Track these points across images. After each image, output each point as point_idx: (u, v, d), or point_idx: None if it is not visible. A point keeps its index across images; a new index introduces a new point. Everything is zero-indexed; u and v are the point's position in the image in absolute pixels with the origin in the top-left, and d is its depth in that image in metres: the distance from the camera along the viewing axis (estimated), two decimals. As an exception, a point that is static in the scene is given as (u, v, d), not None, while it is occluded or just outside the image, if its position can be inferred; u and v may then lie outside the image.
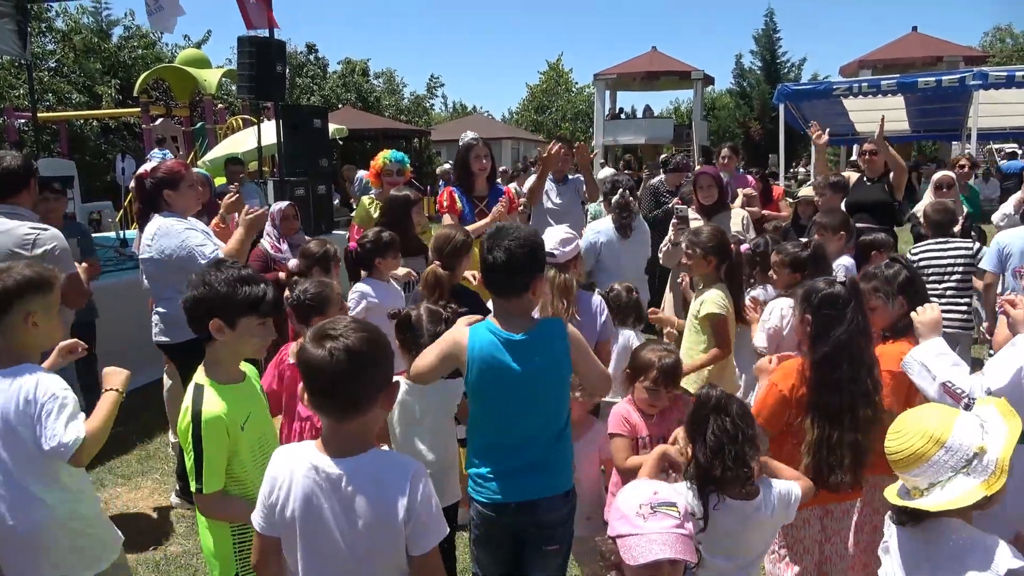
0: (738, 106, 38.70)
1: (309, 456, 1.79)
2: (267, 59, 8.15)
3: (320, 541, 1.78)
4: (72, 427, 2.24)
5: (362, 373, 1.71)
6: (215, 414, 2.19)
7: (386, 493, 1.75)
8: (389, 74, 37.05)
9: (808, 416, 2.54)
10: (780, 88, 14.13)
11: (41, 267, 2.45)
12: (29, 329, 2.34)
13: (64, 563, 2.37)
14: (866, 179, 5.98)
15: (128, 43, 24.03)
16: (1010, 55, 37.35)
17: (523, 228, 2.48)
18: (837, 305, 2.55)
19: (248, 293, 2.25)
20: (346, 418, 1.76)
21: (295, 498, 1.78)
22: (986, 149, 23.48)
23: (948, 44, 27.18)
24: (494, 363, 2.35)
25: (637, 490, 1.89)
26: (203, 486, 2.18)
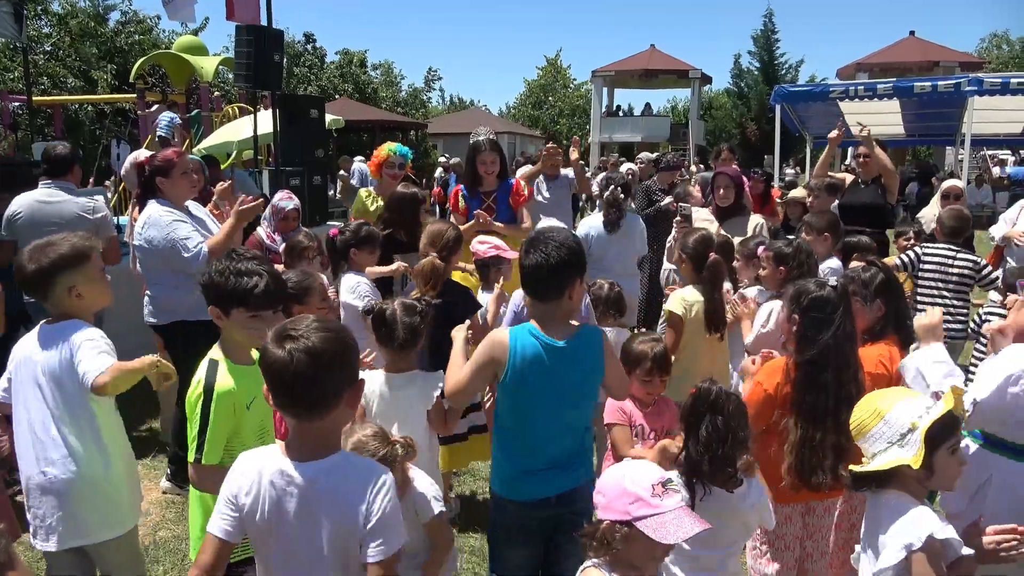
0: (735, 106, 38.77)
1: (275, 461, 1.78)
2: (264, 48, 8.12)
3: (286, 546, 1.77)
4: (102, 358, 2.39)
5: (324, 373, 1.69)
6: (227, 388, 2.28)
7: (351, 499, 1.73)
8: (387, 66, 36.92)
9: (791, 416, 2.58)
10: (777, 89, 14.14)
11: (77, 240, 2.59)
12: (74, 300, 2.50)
13: (86, 520, 2.49)
14: (860, 182, 6.03)
15: (125, 28, 23.89)
16: (1006, 61, 37.53)
17: (562, 232, 2.54)
18: (826, 309, 2.58)
19: (236, 286, 2.32)
20: (310, 418, 1.74)
21: (263, 503, 1.76)
22: (980, 155, 23.61)
23: (945, 49, 27.29)
24: (536, 367, 2.38)
25: (639, 471, 1.87)
26: (202, 456, 2.23)
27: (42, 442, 2.47)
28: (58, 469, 2.46)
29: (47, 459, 2.46)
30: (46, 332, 2.52)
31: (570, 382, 2.42)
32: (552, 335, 2.40)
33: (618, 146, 32.38)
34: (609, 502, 1.84)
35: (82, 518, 2.49)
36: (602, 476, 1.93)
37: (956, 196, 6.26)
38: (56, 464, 2.46)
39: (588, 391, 2.53)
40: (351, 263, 4.08)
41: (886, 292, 2.96)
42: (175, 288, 4.00)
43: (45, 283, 2.48)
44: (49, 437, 2.47)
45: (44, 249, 2.51)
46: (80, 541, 2.52)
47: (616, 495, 1.83)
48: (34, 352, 2.50)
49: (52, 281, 2.48)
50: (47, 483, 2.46)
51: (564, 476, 2.49)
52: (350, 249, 4.07)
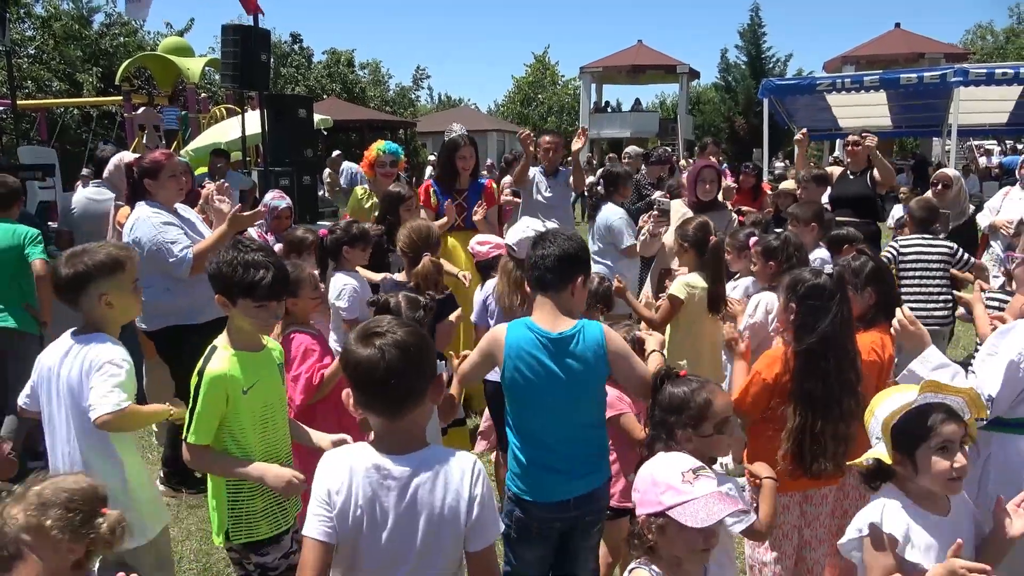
0: (723, 100, 38.84)
1: (367, 457, 1.78)
2: (251, 48, 8.09)
3: (384, 541, 1.77)
4: (113, 395, 2.39)
5: (413, 367, 1.75)
6: (219, 373, 2.35)
7: (450, 489, 1.76)
8: (375, 65, 36.83)
9: (791, 404, 2.58)
10: (765, 83, 14.16)
11: (114, 248, 2.63)
12: (104, 308, 2.53)
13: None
14: (849, 173, 6.06)
15: (110, 31, 23.71)
16: (990, 52, 37.78)
17: (571, 231, 2.63)
18: (823, 296, 2.59)
19: (244, 277, 2.37)
20: (401, 414, 1.77)
21: (357, 500, 1.75)
22: (966, 146, 23.75)
23: (930, 41, 27.43)
24: (530, 359, 2.40)
25: (669, 461, 1.85)
26: (191, 435, 2.35)
27: (65, 454, 2.54)
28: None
29: (69, 471, 2.49)
30: (70, 344, 2.54)
31: (569, 374, 2.41)
32: (549, 327, 2.41)
33: (607, 142, 32.41)
34: (643, 496, 1.81)
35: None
36: (638, 472, 1.92)
37: (945, 184, 6.29)
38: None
39: (590, 386, 2.50)
40: (343, 262, 4.05)
41: (876, 280, 2.98)
42: (165, 291, 3.92)
43: (78, 288, 2.51)
44: (69, 450, 2.52)
45: (80, 255, 2.54)
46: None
47: (648, 487, 1.81)
48: (56, 363, 2.53)
49: (85, 287, 2.50)
50: None
51: (582, 479, 2.51)
52: (342, 248, 4.04)
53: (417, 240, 3.84)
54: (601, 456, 2.59)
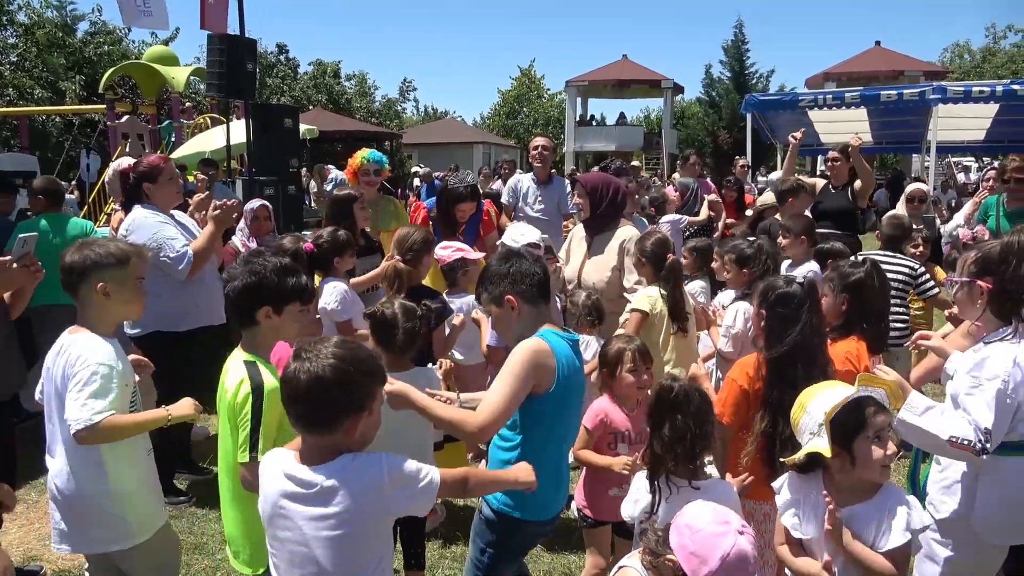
0: (707, 115, 39.21)
1: (285, 464, 1.84)
2: (237, 57, 8.08)
3: (295, 551, 1.81)
4: (90, 405, 2.32)
5: (343, 384, 1.75)
6: (275, 385, 2.26)
7: (362, 494, 1.78)
8: (361, 76, 36.93)
9: (760, 409, 2.62)
10: (748, 98, 14.36)
11: (125, 244, 2.63)
12: (100, 297, 2.48)
13: (90, 533, 2.51)
14: (831, 187, 6.14)
15: (94, 39, 23.63)
16: (968, 71, 38.45)
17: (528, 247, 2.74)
18: (792, 304, 2.60)
19: (296, 283, 2.39)
20: (322, 431, 1.80)
21: (270, 506, 1.84)
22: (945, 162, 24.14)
23: (909, 59, 27.92)
24: (575, 365, 2.40)
25: (739, 559, 1.79)
26: (259, 454, 2.18)
27: (53, 455, 2.52)
28: (61, 483, 2.49)
29: (54, 472, 2.52)
30: (63, 343, 2.52)
31: (583, 379, 2.50)
32: (567, 331, 2.46)
33: (592, 156, 32.60)
34: (692, 553, 1.79)
35: (86, 531, 2.52)
36: (705, 518, 1.85)
37: (920, 199, 6.39)
38: (59, 478, 2.49)
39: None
40: (334, 270, 4.04)
41: (855, 290, 3.02)
42: (155, 296, 3.79)
43: (80, 276, 2.49)
44: (56, 450, 2.50)
45: (90, 244, 2.55)
46: (88, 550, 2.57)
47: (704, 559, 1.78)
48: (52, 361, 2.52)
49: (86, 275, 2.49)
50: (55, 494, 2.52)
51: (566, 488, 2.56)
52: (333, 258, 4.03)
53: (395, 244, 3.89)
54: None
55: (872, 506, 2.06)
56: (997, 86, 12.70)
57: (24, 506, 4.21)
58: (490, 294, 2.45)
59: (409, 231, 3.94)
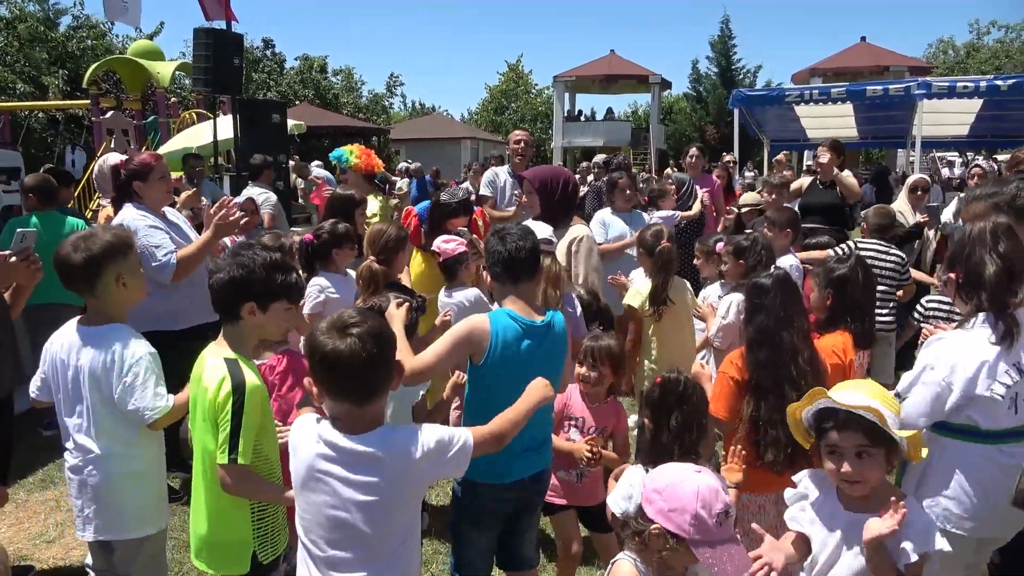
0: (694, 110, 39.37)
1: (323, 433, 1.87)
2: (224, 52, 8.04)
3: (332, 514, 1.87)
4: (159, 394, 2.47)
5: (383, 356, 1.83)
6: (257, 384, 2.26)
7: (402, 459, 1.86)
8: (348, 71, 36.72)
9: (746, 396, 2.70)
10: (735, 93, 14.40)
11: (119, 230, 2.64)
12: (120, 289, 2.53)
13: (118, 516, 2.55)
14: (819, 182, 6.17)
15: (77, 33, 23.37)
16: (952, 66, 38.79)
17: (523, 225, 2.70)
18: (760, 294, 2.75)
19: (283, 279, 2.35)
20: (370, 401, 1.85)
21: (307, 470, 1.88)
22: (929, 157, 24.35)
23: (894, 54, 28.11)
24: (516, 347, 2.47)
25: (711, 495, 1.78)
26: (238, 455, 2.17)
27: (78, 444, 2.54)
28: (91, 468, 2.53)
29: (86, 460, 2.54)
30: (86, 334, 2.51)
31: (545, 360, 2.53)
32: (528, 316, 2.52)
33: (580, 151, 32.63)
34: (670, 511, 1.78)
35: (113, 515, 2.57)
36: (667, 477, 1.86)
37: (924, 189, 6.47)
38: (97, 465, 2.53)
39: (557, 368, 2.63)
40: (332, 264, 4.02)
41: (839, 285, 3.09)
42: (150, 295, 3.78)
43: (95, 271, 2.48)
44: (87, 438, 2.52)
45: (88, 239, 2.52)
46: (111, 535, 2.59)
47: (681, 509, 1.77)
48: (71, 354, 2.51)
49: (101, 269, 2.48)
50: (84, 479, 2.55)
51: (537, 457, 2.61)
52: (332, 250, 4.01)
53: (366, 244, 3.86)
54: (548, 440, 2.72)
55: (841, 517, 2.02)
56: (981, 81, 12.82)
57: (13, 505, 4.18)
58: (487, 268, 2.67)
59: (382, 228, 3.87)
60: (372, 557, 1.89)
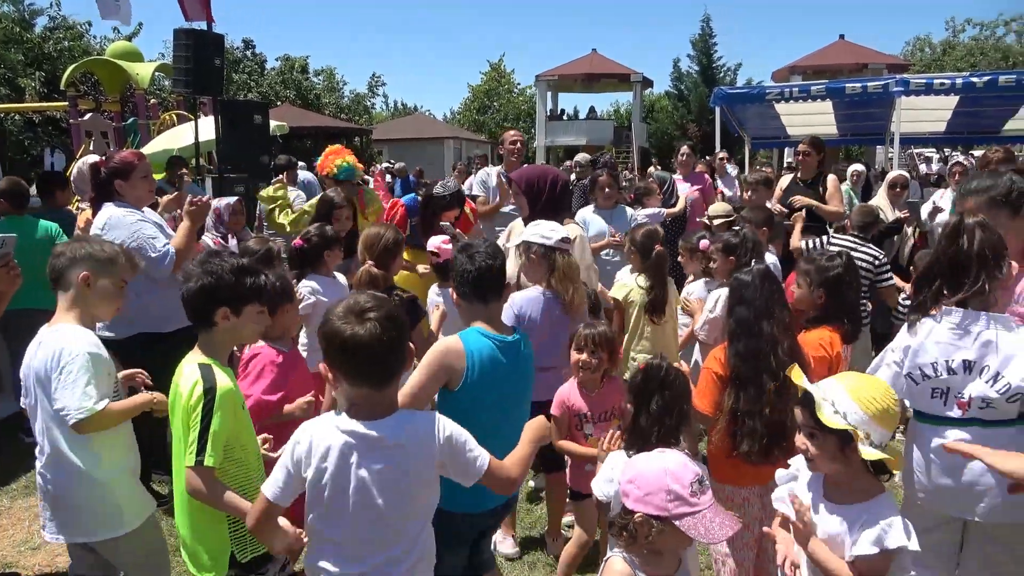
0: (676, 108, 39.55)
1: (343, 425, 1.90)
2: (205, 52, 7.96)
3: (357, 500, 1.90)
4: (87, 395, 2.37)
5: (400, 339, 1.90)
6: (229, 388, 2.26)
7: (424, 444, 1.92)
8: (329, 72, 36.55)
9: (728, 387, 2.74)
10: (716, 91, 14.46)
11: (113, 248, 2.69)
12: (83, 287, 2.53)
13: (82, 520, 2.53)
14: (799, 180, 6.20)
15: (53, 34, 23.07)
16: (929, 64, 39.24)
17: (491, 242, 2.69)
18: (742, 288, 2.82)
19: (254, 282, 2.37)
20: (390, 383, 1.91)
21: (329, 468, 1.89)
22: (907, 153, 24.63)
23: (873, 52, 28.39)
24: (494, 365, 2.45)
25: (679, 468, 1.85)
26: (204, 457, 2.16)
27: (41, 445, 2.53)
28: (52, 472, 2.52)
29: (44, 462, 2.53)
30: (42, 337, 2.53)
31: (519, 378, 2.55)
32: (500, 333, 2.52)
33: (563, 150, 32.69)
34: (646, 496, 1.82)
35: (79, 518, 2.54)
36: (635, 465, 1.92)
37: (903, 186, 6.54)
38: (51, 467, 2.52)
39: (530, 383, 2.66)
40: (324, 266, 4.02)
41: (833, 285, 3.12)
42: (137, 296, 3.68)
43: (67, 264, 2.54)
44: (45, 441, 2.51)
45: (82, 242, 2.61)
46: (82, 538, 2.57)
47: (654, 490, 1.81)
48: (32, 356, 2.53)
49: (73, 264, 2.54)
50: (45, 484, 2.54)
51: None
52: (323, 252, 4.00)
53: (362, 248, 3.81)
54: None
55: (857, 511, 2.03)
56: (957, 79, 12.97)
57: (-4, 512, 4.15)
58: (453, 284, 2.66)
59: (379, 232, 3.84)
60: (394, 543, 1.95)
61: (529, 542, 3.82)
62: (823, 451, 2.03)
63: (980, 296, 2.40)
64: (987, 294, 2.40)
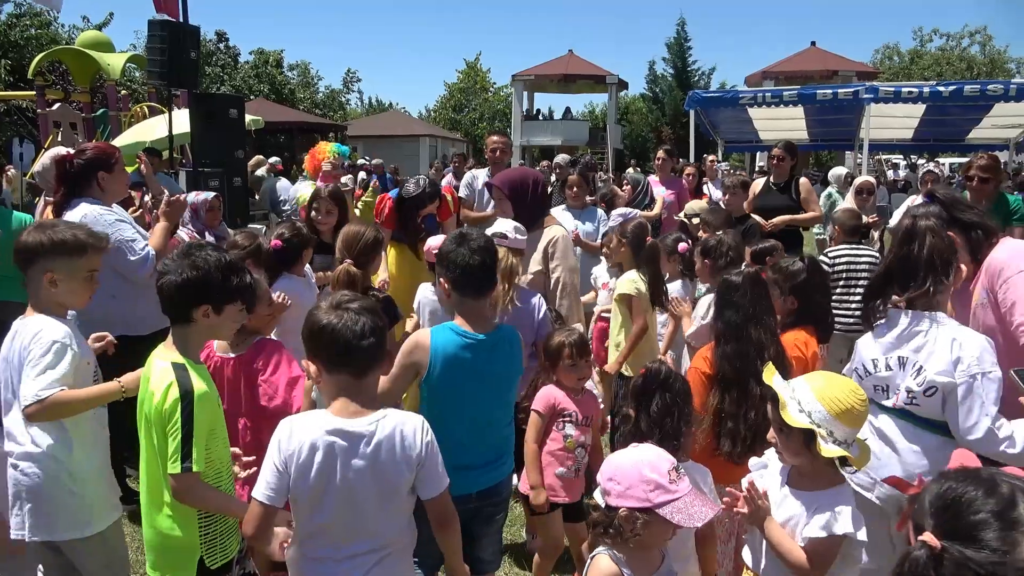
0: (650, 111, 39.88)
1: (326, 422, 1.94)
2: (179, 44, 7.87)
3: (343, 497, 1.93)
4: (39, 381, 2.31)
5: (377, 328, 1.98)
6: (205, 390, 2.20)
7: (405, 444, 1.96)
8: (304, 66, 36.19)
9: (713, 387, 2.81)
10: (691, 95, 14.61)
11: (84, 232, 2.55)
12: (47, 286, 2.46)
13: (52, 518, 2.44)
14: (772, 184, 6.29)
15: (20, 21, 22.53)
16: (897, 72, 40.06)
17: (484, 235, 2.67)
18: (731, 291, 2.88)
19: (239, 281, 2.29)
20: (370, 369, 1.99)
21: (316, 461, 1.92)
22: (875, 159, 25.14)
23: (843, 59, 28.98)
24: (458, 361, 2.47)
25: (653, 458, 1.91)
26: (192, 464, 2.10)
27: (15, 438, 2.45)
28: (25, 466, 2.44)
29: (17, 454, 2.45)
30: (16, 328, 2.48)
31: (493, 375, 2.54)
32: (474, 329, 2.52)
33: (538, 149, 32.80)
34: (626, 490, 1.86)
35: (49, 515, 2.46)
36: (612, 462, 1.96)
37: (868, 191, 6.69)
38: (23, 461, 2.44)
39: (509, 381, 2.65)
40: (299, 265, 3.93)
41: (802, 292, 3.21)
42: (111, 298, 3.58)
43: (28, 259, 2.46)
44: (18, 433, 2.44)
45: (48, 227, 2.49)
46: (48, 536, 2.48)
47: (634, 482, 1.86)
48: (6, 348, 2.49)
49: (35, 260, 2.45)
50: (16, 478, 2.45)
51: (487, 473, 2.59)
52: (303, 251, 3.92)
53: (342, 246, 3.71)
54: (507, 451, 2.69)
55: (815, 497, 2.11)
56: (924, 87, 13.27)
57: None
58: (438, 270, 2.66)
59: (358, 231, 3.76)
60: (377, 533, 1.98)
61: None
62: (789, 445, 2.12)
63: (924, 298, 2.53)
64: (931, 296, 2.52)
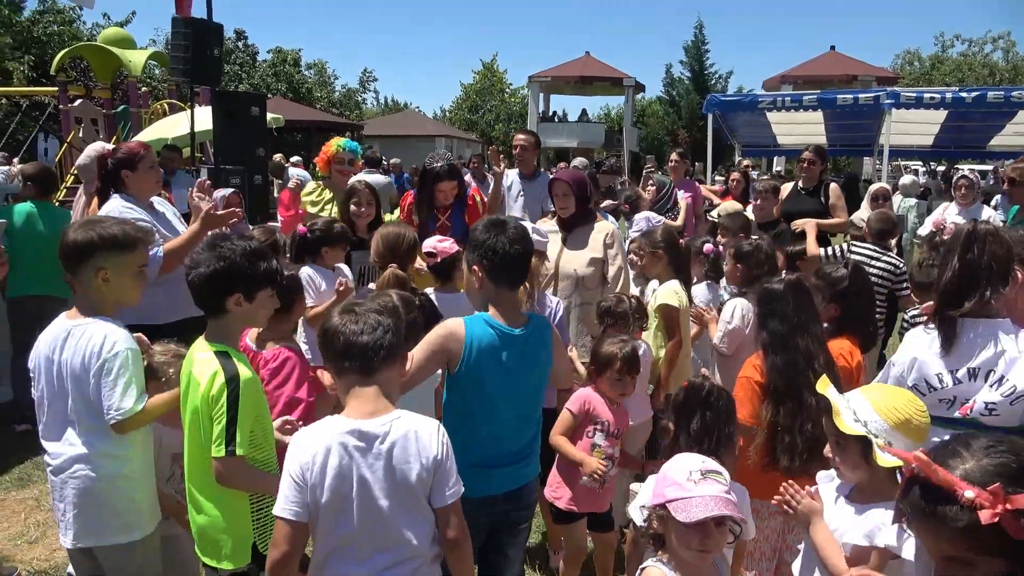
0: (667, 114, 39.77)
1: (340, 425, 1.91)
2: (203, 42, 7.89)
3: (363, 499, 1.90)
4: (129, 395, 2.35)
5: (383, 327, 1.96)
6: (250, 376, 2.23)
7: (421, 447, 1.93)
8: (321, 66, 36.37)
9: (765, 400, 2.73)
10: (710, 98, 14.54)
11: (131, 227, 2.54)
12: (100, 284, 2.44)
13: (100, 521, 2.45)
14: (801, 188, 6.22)
15: (43, 18, 22.75)
16: (917, 77, 39.73)
17: (520, 223, 2.57)
18: (772, 300, 2.80)
19: (266, 267, 2.32)
20: (370, 374, 1.94)
21: (332, 469, 1.88)
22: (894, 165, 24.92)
23: (862, 64, 28.73)
24: (494, 355, 2.37)
25: (687, 459, 1.96)
26: (236, 447, 2.14)
27: (65, 440, 2.44)
28: (77, 468, 2.43)
29: (69, 460, 2.43)
30: (68, 328, 2.44)
31: (526, 370, 2.45)
32: (509, 324, 2.41)
33: (554, 151, 32.73)
34: (653, 489, 1.92)
35: (99, 519, 2.46)
36: (650, 480, 2.02)
37: (884, 197, 6.61)
38: (75, 463, 2.43)
39: (540, 377, 2.56)
40: (321, 259, 3.98)
41: (844, 299, 3.13)
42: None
43: (80, 258, 2.43)
44: (70, 436, 2.43)
45: (94, 224, 2.47)
46: (91, 541, 2.47)
47: (659, 482, 1.90)
48: (54, 349, 2.44)
49: (86, 258, 2.42)
50: (66, 480, 2.44)
51: (514, 473, 2.51)
52: (322, 247, 3.97)
53: (384, 249, 3.70)
54: (534, 451, 2.59)
55: (866, 507, 2.06)
56: (947, 93, 13.14)
57: (-9, 503, 4.08)
58: (468, 257, 2.49)
59: (400, 232, 3.76)
60: (401, 543, 1.94)
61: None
62: (846, 459, 2.05)
63: (984, 306, 2.44)
64: (991, 304, 2.44)
